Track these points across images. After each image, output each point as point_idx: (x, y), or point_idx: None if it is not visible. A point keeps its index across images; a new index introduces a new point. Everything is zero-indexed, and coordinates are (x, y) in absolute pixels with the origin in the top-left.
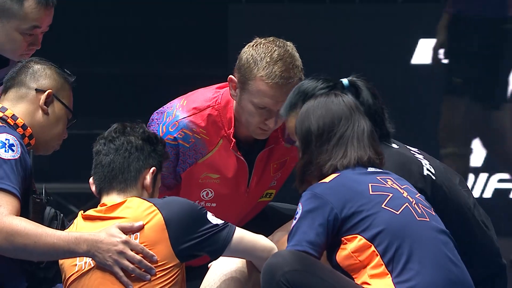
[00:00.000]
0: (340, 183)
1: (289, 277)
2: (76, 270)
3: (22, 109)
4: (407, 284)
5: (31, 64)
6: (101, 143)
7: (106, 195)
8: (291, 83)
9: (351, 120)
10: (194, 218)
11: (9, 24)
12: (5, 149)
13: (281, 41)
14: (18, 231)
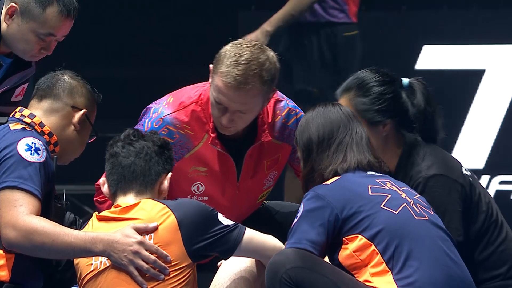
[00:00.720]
0: (341, 185)
1: (291, 274)
2: (92, 269)
3: (53, 121)
4: (407, 280)
5: (67, 79)
6: (118, 146)
7: (123, 196)
8: (245, 89)
9: (349, 127)
10: (205, 219)
11: (27, 25)
12: (31, 152)
13: (263, 49)
14: (37, 230)
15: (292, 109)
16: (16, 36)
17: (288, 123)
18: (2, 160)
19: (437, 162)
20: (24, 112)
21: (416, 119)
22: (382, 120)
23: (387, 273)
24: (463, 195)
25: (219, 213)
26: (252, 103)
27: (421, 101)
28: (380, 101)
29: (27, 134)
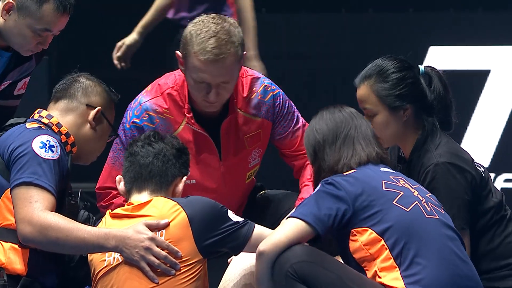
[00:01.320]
0: (356, 177)
1: (296, 268)
2: (105, 265)
3: (70, 120)
4: (414, 278)
5: (82, 80)
6: (138, 146)
7: (137, 194)
8: (224, 59)
9: (353, 123)
10: (216, 216)
11: (23, 20)
12: (45, 149)
13: (221, 17)
14: (51, 225)
15: (268, 86)
16: (13, 31)
17: (265, 99)
18: (18, 157)
19: (449, 152)
20: (42, 113)
21: (436, 104)
22: (402, 104)
23: (394, 269)
24: (472, 185)
25: (229, 210)
26: (232, 70)
27: (440, 87)
28: (400, 86)
29: (42, 132)
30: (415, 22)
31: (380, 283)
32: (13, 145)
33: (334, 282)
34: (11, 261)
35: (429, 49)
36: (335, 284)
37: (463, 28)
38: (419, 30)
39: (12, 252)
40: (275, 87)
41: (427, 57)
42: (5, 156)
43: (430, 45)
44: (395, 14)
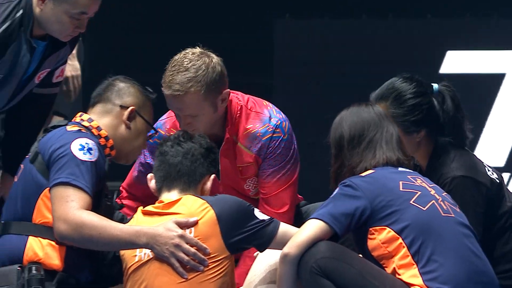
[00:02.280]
0: (374, 179)
1: (320, 264)
2: (136, 260)
3: (106, 122)
4: (431, 275)
5: (116, 83)
6: (168, 145)
7: (167, 192)
8: (182, 96)
9: (380, 125)
10: (243, 214)
11: (60, 7)
12: (83, 151)
13: (203, 53)
14: (85, 223)
15: (272, 128)
16: (51, 19)
17: (263, 138)
18: (57, 158)
19: (465, 165)
20: (83, 117)
21: (447, 125)
22: (416, 130)
23: (412, 266)
24: (487, 197)
25: (255, 209)
26: (195, 107)
27: (451, 108)
28: (415, 112)
29: (81, 135)
30: (433, 28)
31: (399, 279)
32: (53, 146)
33: (356, 277)
34: (48, 257)
35: (447, 54)
36: (357, 279)
37: (479, 33)
38: (436, 35)
39: (50, 248)
40: (282, 133)
41: (445, 61)
42: (46, 157)
43: (448, 50)
44: (413, 20)
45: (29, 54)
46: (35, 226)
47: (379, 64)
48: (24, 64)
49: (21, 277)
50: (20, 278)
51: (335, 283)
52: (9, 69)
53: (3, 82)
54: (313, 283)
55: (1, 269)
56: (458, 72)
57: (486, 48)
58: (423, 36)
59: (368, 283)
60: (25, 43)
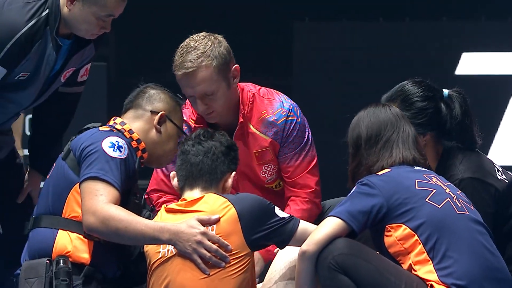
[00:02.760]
0: (391, 177)
1: (338, 260)
2: (160, 256)
3: (138, 126)
4: (446, 271)
5: (147, 89)
6: (189, 144)
7: (189, 190)
8: (195, 71)
9: (397, 126)
10: (263, 212)
11: (89, 9)
12: (113, 148)
13: (209, 35)
14: (112, 217)
15: (285, 111)
16: (79, 19)
17: (278, 122)
18: (88, 154)
19: (472, 167)
20: (116, 120)
21: (454, 130)
22: (422, 132)
23: (428, 262)
24: (496, 197)
25: (276, 207)
26: (210, 82)
27: (459, 113)
28: (421, 115)
29: (112, 134)
30: (448, 30)
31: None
32: (85, 143)
33: (373, 273)
34: (76, 250)
35: (462, 55)
36: (374, 275)
37: (494, 36)
38: (452, 37)
39: (78, 242)
40: (296, 116)
41: (460, 62)
42: (77, 154)
43: (463, 52)
44: (430, 22)
45: (55, 52)
46: (64, 220)
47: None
48: (50, 62)
49: (49, 270)
50: (48, 271)
51: (352, 279)
52: (35, 68)
53: (29, 80)
54: (331, 279)
55: (31, 262)
56: (474, 73)
57: (500, 50)
58: (439, 38)
59: (385, 279)
60: (51, 41)
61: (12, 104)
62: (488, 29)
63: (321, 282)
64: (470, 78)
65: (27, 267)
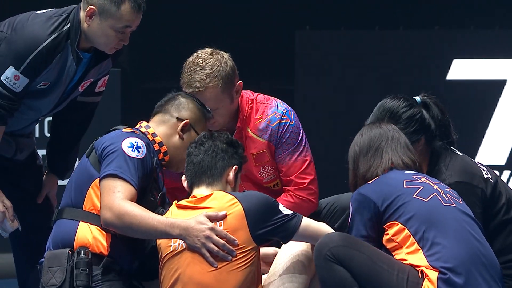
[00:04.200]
0: (380, 182)
1: (334, 251)
2: (171, 250)
3: (162, 130)
4: (435, 256)
5: (178, 97)
6: (192, 147)
7: (196, 188)
8: (203, 91)
9: (386, 135)
10: (268, 209)
11: (106, 22)
12: (132, 148)
13: (214, 52)
14: (127, 212)
15: (279, 114)
16: (97, 33)
17: (272, 125)
18: (108, 153)
19: (458, 171)
20: (142, 124)
21: (438, 129)
22: (418, 138)
23: (418, 251)
24: (482, 198)
25: (280, 204)
26: (215, 100)
27: (437, 112)
28: (412, 123)
29: (132, 135)
30: (440, 38)
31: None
32: (106, 143)
33: (367, 262)
34: (96, 242)
35: (453, 62)
36: (367, 264)
37: (483, 43)
38: (444, 45)
39: (98, 233)
40: (289, 119)
41: (451, 68)
42: (98, 151)
43: (454, 58)
44: (422, 31)
45: (75, 64)
46: (84, 213)
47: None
48: (70, 73)
49: (71, 259)
50: (70, 261)
51: (347, 269)
52: (56, 78)
53: (50, 88)
54: (327, 269)
55: (54, 252)
56: (464, 78)
57: (489, 57)
58: (431, 46)
59: (379, 267)
60: (71, 54)
61: (32, 111)
62: (477, 38)
63: (318, 272)
64: (460, 83)
65: (50, 256)
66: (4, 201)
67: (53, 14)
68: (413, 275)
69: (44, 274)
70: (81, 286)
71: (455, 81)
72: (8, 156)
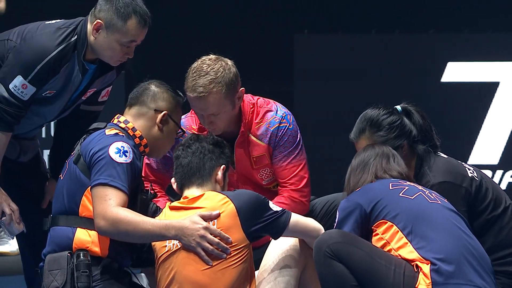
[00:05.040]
0: (366, 188)
1: (333, 248)
2: (166, 250)
3: (141, 124)
4: (425, 249)
5: (152, 87)
6: (179, 149)
7: (187, 189)
8: (206, 97)
9: (376, 153)
10: (259, 206)
11: (112, 36)
12: (119, 154)
13: (219, 59)
14: (121, 219)
15: (278, 118)
16: (103, 46)
17: (271, 128)
18: (96, 161)
19: (442, 171)
20: (120, 119)
21: (419, 134)
22: (400, 143)
23: (407, 245)
24: (467, 196)
25: (270, 201)
26: (217, 105)
27: (418, 118)
28: (393, 128)
29: (117, 139)
30: (435, 41)
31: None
32: (93, 150)
33: (364, 258)
34: (94, 245)
35: (447, 65)
36: (365, 260)
37: (477, 47)
38: (438, 48)
39: (95, 237)
40: (288, 123)
41: (446, 71)
42: (87, 159)
43: (448, 61)
44: (418, 35)
45: (81, 74)
46: (81, 219)
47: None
48: (76, 83)
49: (70, 262)
50: (69, 263)
51: (346, 265)
52: (62, 87)
53: (56, 96)
54: (326, 265)
55: (53, 255)
56: (458, 81)
57: (482, 60)
58: (427, 49)
59: (377, 263)
60: (77, 64)
61: (37, 117)
62: (471, 41)
63: (317, 268)
64: (455, 85)
65: (50, 259)
66: (10, 204)
67: (62, 25)
68: (409, 269)
69: (45, 277)
70: (83, 287)
71: (449, 83)
72: (12, 158)
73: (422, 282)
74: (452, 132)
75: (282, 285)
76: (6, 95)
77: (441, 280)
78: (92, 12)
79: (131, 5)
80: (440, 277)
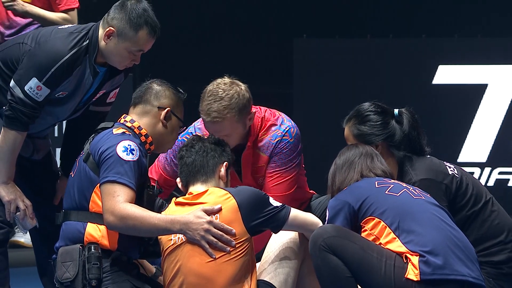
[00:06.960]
0: (353, 187)
1: (328, 242)
2: (172, 243)
3: (146, 121)
4: (413, 242)
5: (154, 86)
6: (183, 150)
7: (192, 186)
8: (220, 122)
9: (360, 153)
10: (259, 201)
11: (122, 44)
12: (126, 152)
13: (234, 84)
14: (129, 215)
15: (281, 132)
16: (113, 52)
17: (273, 141)
18: (105, 159)
19: (423, 169)
20: (126, 118)
21: (403, 141)
22: (373, 142)
23: (395, 240)
24: (447, 192)
25: (270, 197)
26: (230, 128)
27: (407, 127)
28: (375, 127)
29: (124, 138)
30: (427, 46)
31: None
32: (102, 148)
33: (357, 251)
34: (104, 239)
35: (438, 67)
36: (358, 253)
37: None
38: (430, 52)
39: (105, 231)
40: (290, 137)
41: (437, 74)
42: (96, 158)
43: (439, 64)
44: (411, 39)
45: (92, 77)
46: (91, 214)
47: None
48: (87, 85)
49: (82, 254)
50: (81, 256)
51: (340, 257)
52: (74, 88)
53: (68, 97)
54: (321, 258)
55: (66, 248)
56: (448, 83)
57: (471, 63)
58: (419, 53)
59: (369, 255)
60: (89, 67)
61: (50, 117)
62: (461, 45)
63: (313, 261)
64: (445, 87)
65: (63, 252)
66: (24, 200)
67: (74, 30)
68: (399, 260)
69: (58, 268)
70: (94, 278)
71: (440, 85)
72: (26, 156)
73: (411, 272)
74: (443, 132)
75: (282, 276)
76: (22, 97)
77: (429, 270)
78: (105, 18)
79: (143, 16)
80: (428, 268)
